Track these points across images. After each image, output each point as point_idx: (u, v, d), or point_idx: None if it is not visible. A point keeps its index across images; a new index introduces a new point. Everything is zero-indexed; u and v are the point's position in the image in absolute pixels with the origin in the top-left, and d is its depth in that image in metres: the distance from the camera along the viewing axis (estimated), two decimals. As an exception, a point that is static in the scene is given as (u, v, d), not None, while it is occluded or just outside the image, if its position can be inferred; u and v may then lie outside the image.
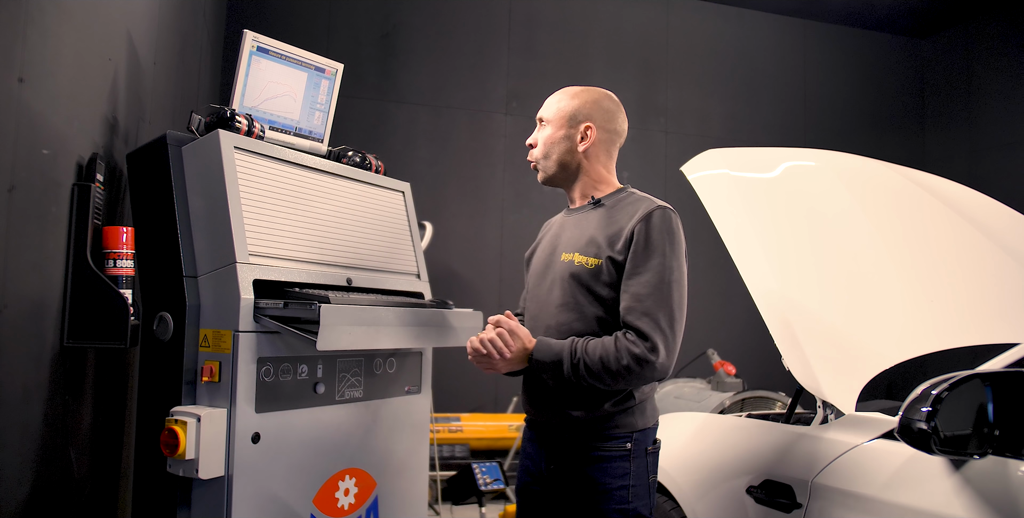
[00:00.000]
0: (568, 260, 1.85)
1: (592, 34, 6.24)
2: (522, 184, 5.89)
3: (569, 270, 1.84)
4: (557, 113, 1.94)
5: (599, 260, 1.79)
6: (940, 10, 6.65)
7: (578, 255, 1.84)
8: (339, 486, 2.09)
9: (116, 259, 1.91)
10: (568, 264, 1.85)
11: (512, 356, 1.78)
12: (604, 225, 1.84)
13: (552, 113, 1.94)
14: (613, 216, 1.85)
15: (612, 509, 1.75)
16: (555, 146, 1.93)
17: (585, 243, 1.84)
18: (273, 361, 1.93)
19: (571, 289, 1.83)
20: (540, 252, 2.01)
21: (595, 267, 1.79)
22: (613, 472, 1.77)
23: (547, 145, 1.94)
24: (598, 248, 1.81)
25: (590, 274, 1.80)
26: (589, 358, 1.71)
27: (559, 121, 1.93)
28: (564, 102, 1.94)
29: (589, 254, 1.82)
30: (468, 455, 4.60)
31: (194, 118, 2.05)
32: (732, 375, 4.67)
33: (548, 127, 1.95)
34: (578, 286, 1.82)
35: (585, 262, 1.81)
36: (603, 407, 1.78)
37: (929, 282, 2.32)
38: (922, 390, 1.56)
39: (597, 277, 1.79)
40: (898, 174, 2.70)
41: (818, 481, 1.90)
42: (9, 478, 1.51)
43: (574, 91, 1.96)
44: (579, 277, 1.81)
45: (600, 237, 1.82)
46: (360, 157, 2.48)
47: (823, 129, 6.80)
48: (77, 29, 1.78)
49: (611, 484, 1.76)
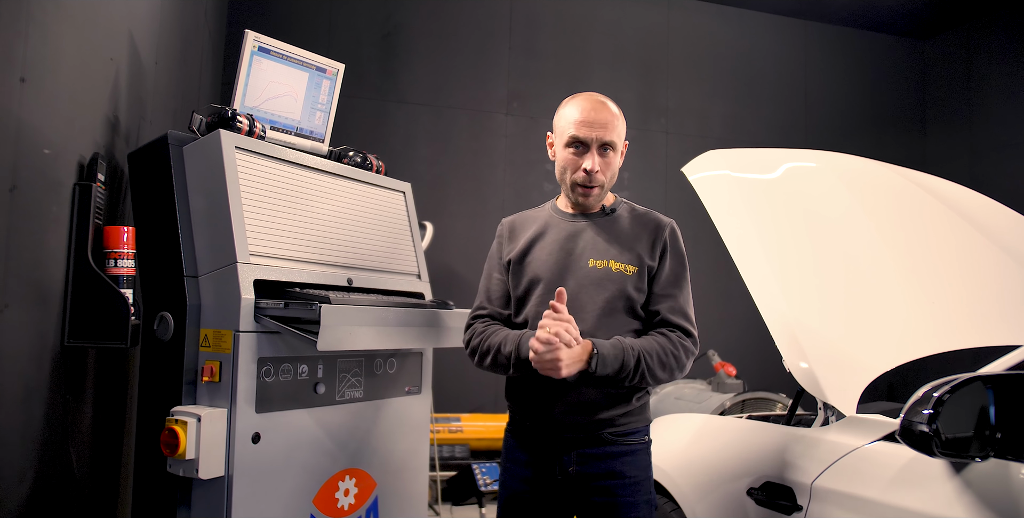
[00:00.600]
0: (604, 267, 1.89)
1: (593, 34, 6.23)
2: (522, 184, 5.89)
3: (609, 277, 1.88)
4: (623, 139, 1.94)
5: (636, 268, 1.89)
6: (941, 12, 6.65)
7: (614, 262, 1.90)
8: (339, 486, 2.09)
9: (117, 259, 1.91)
10: (604, 271, 1.89)
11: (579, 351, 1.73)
12: (632, 236, 1.93)
13: (622, 139, 1.93)
14: (635, 227, 1.95)
15: (641, 500, 1.85)
16: (616, 171, 1.96)
17: (618, 251, 1.91)
18: (273, 361, 1.93)
19: (608, 295, 1.87)
20: (546, 255, 1.95)
21: (633, 274, 1.89)
22: (638, 464, 1.87)
23: (613, 171, 1.94)
24: (634, 257, 1.90)
25: (630, 281, 1.89)
26: (649, 356, 1.79)
27: (622, 146, 1.95)
28: (622, 124, 1.93)
29: (625, 261, 1.90)
30: (468, 455, 4.59)
31: (195, 118, 2.05)
32: (732, 376, 4.67)
33: (615, 154, 1.92)
34: (618, 292, 1.87)
35: (624, 269, 1.89)
36: (632, 403, 1.88)
37: (930, 284, 2.32)
38: (923, 392, 1.56)
39: (635, 284, 1.89)
40: (899, 175, 2.70)
41: (819, 483, 1.89)
42: (9, 477, 1.51)
43: (618, 109, 1.94)
44: (621, 284, 1.88)
45: (634, 247, 1.92)
46: (361, 157, 2.48)
47: (824, 130, 6.80)
48: (78, 29, 1.77)
49: (638, 476, 1.86)
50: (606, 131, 1.87)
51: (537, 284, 1.93)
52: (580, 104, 1.90)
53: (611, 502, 1.82)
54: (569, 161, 1.91)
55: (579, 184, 1.91)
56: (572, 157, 1.90)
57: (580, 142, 1.88)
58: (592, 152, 1.87)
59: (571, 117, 1.89)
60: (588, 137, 1.87)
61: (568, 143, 1.90)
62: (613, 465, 1.83)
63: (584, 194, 1.92)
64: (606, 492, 1.82)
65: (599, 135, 1.86)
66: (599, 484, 1.83)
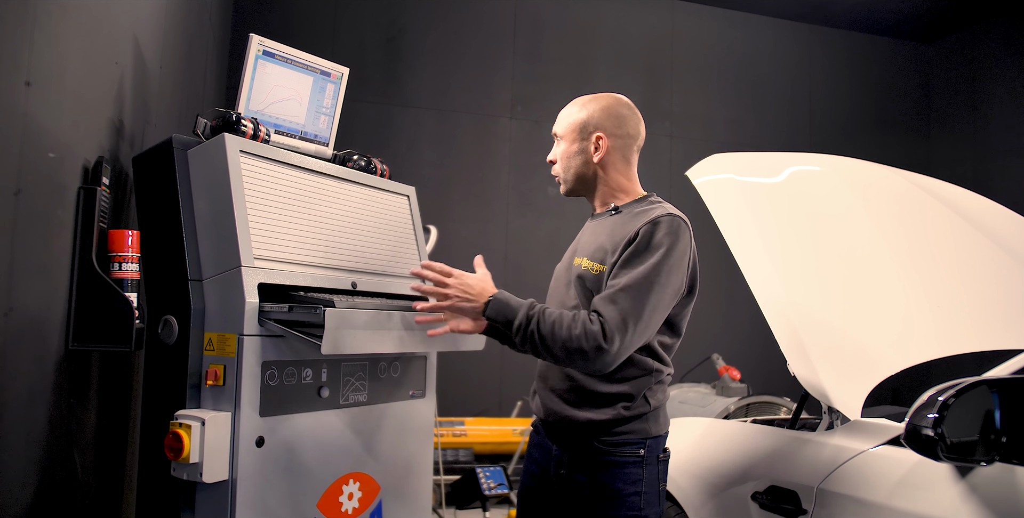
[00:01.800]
0: (578, 265, 1.87)
1: (597, 38, 6.24)
2: (527, 188, 5.89)
3: (577, 274, 1.85)
4: (568, 127, 1.93)
5: (604, 266, 1.79)
6: (945, 15, 6.65)
7: (587, 260, 1.84)
8: (343, 490, 2.09)
9: (121, 262, 1.91)
10: (578, 269, 1.86)
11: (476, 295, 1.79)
12: (615, 232, 1.83)
13: (564, 127, 1.94)
14: (626, 224, 1.83)
15: (624, 515, 1.75)
16: (571, 160, 1.93)
17: (594, 249, 1.84)
18: (278, 365, 1.93)
19: (577, 294, 1.84)
20: (563, 258, 2.02)
21: (598, 273, 1.79)
22: (626, 478, 1.76)
23: (564, 160, 1.94)
24: (604, 254, 1.80)
25: (593, 280, 1.80)
26: (545, 317, 1.69)
27: (571, 135, 1.92)
28: (573, 115, 1.93)
29: (596, 260, 1.82)
30: (472, 459, 4.59)
31: (200, 122, 2.05)
32: (737, 380, 4.66)
33: (562, 142, 1.95)
34: (583, 291, 1.82)
35: (591, 267, 1.81)
36: (617, 409, 1.77)
37: (935, 287, 2.32)
38: (929, 396, 1.56)
39: (598, 283, 1.78)
40: (903, 179, 2.70)
41: (823, 487, 1.89)
42: (13, 481, 1.51)
43: (582, 101, 1.94)
44: (584, 282, 1.82)
45: (608, 244, 1.81)
46: (365, 161, 2.48)
47: (828, 134, 6.79)
48: (84, 33, 1.78)
49: (624, 490, 1.75)
50: (556, 123, 1.98)
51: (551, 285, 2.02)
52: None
53: (589, 512, 1.77)
54: None
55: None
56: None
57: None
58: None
59: None
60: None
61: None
62: (597, 474, 1.77)
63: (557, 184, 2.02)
64: (586, 501, 1.78)
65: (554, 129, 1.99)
66: (584, 493, 1.78)
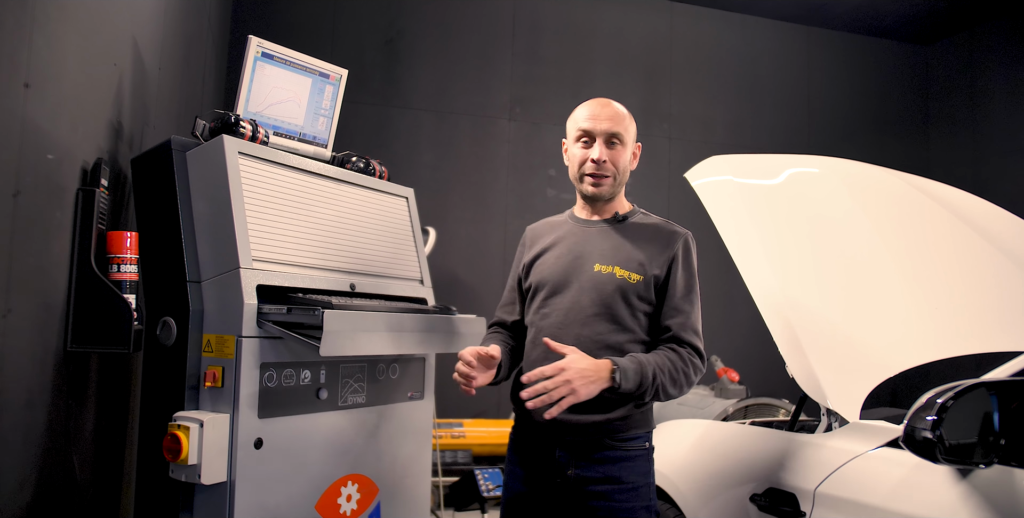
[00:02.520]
0: (608, 273, 1.89)
1: (596, 40, 6.24)
2: (525, 190, 5.89)
3: (613, 283, 1.88)
4: (631, 134, 1.97)
5: (641, 276, 1.88)
6: (944, 17, 6.65)
7: (619, 269, 1.89)
8: (341, 492, 2.09)
9: (120, 264, 1.91)
10: (608, 276, 1.89)
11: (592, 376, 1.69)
12: (642, 244, 1.92)
13: (630, 134, 1.96)
14: (646, 236, 1.94)
15: (639, 507, 1.83)
16: (628, 166, 1.98)
17: (625, 258, 1.91)
18: (276, 366, 1.93)
19: (610, 301, 1.87)
20: (555, 259, 1.98)
21: (638, 283, 1.87)
22: (638, 470, 1.85)
23: (623, 164, 1.96)
24: (640, 265, 1.89)
25: (633, 289, 1.87)
26: (662, 372, 1.78)
27: (632, 142, 1.97)
28: (630, 123, 1.97)
29: (631, 269, 1.89)
30: (471, 461, 4.59)
31: (199, 123, 2.05)
32: (735, 382, 4.66)
33: (625, 147, 1.95)
34: (620, 299, 1.87)
35: (628, 276, 1.88)
36: (629, 407, 1.85)
37: (933, 289, 2.32)
38: (927, 399, 1.55)
39: (638, 292, 1.87)
40: (902, 181, 2.70)
41: (822, 490, 1.89)
42: (11, 482, 1.51)
43: (626, 111, 1.97)
44: (624, 290, 1.87)
45: (641, 255, 1.90)
46: (364, 162, 2.48)
47: (827, 135, 6.80)
48: (83, 34, 1.78)
49: (638, 482, 1.84)
50: (612, 123, 1.92)
51: (542, 288, 1.97)
52: (588, 103, 1.98)
53: (608, 507, 1.81)
54: (579, 154, 1.96)
55: (587, 174, 1.94)
56: (582, 150, 1.95)
57: (587, 133, 1.93)
58: (599, 143, 1.92)
59: (580, 115, 1.97)
60: (594, 129, 1.92)
61: (577, 138, 1.96)
62: (611, 470, 1.83)
63: (595, 183, 1.94)
64: (603, 497, 1.82)
65: (605, 127, 1.91)
66: (597, 489, 1.82)
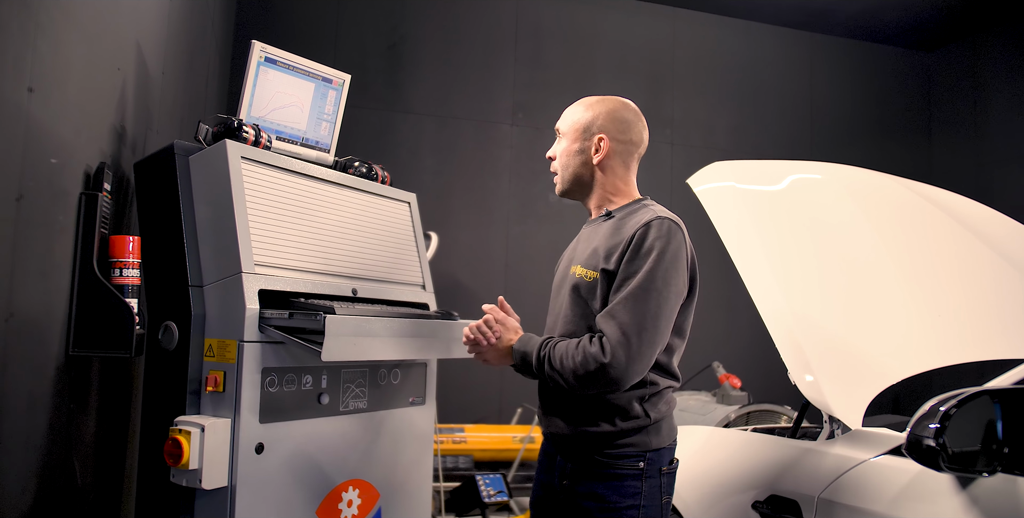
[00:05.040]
0: (573, 272, 1.85)
1: (599, 45, 6.25)
2: (527, 195, 5.89)
3: (572, 282, 1.83)
4: (572, 125, 1.92)
5: (596, 273, 1.77)
6: (946, 24, 6.66)
7: (580, 268, 1.83)
8: (342, 497, 2.09)
9: (122, 268, 1.91)
10: (572, 276, 1.84)
11: (500, 345, 1.83)
12: (608, 237, 1.81)
13: (567, 125, 1.93)
14: (619, 229, 1.80)
15: None
16: (571, 159, 1.92)
17: (588, 255, 1.82)
18: (278, 371, 1.93)
19: (572, 302, 1.82)
20: (559, 266, 2.01)
21: (592, 280, 1.78)
22: (624, 491, 1.73)
23: (564, 158, 1.93)
24: (597, 260, 1.78)
25: (588, 287, 1.79)
26: (554, 353, 1.73)
27: (574, 133, 1.91)
28: (579, 114, 1.92)
29: (589, 266, 1.80)
30: (472, 466, 4.58)
31: (201, 128, 2.06)
32: (737, 388, 4.65)
33: (564, 140, 1.94)
34: (578, 298, 1.81)
35: (585, 275, 1.80)
36: (614, 422, 1.73)
37: (936, 296, 2.31)
38: (930, 406, 1.55)
39: (593, 290, 1.77)
40: (905, 187, 2.70)
41: (824, 497, 1.88)
42: (13, 486, 1.51)
43: (589, 102, 1.93)
44: (578, 290, 1.81)
45: (601, 249, 1.79)
46: (366, 167, 2.49)
47: (829, 142, 6.80)
48: (87, 39, 1.79)
49: (620, 503, 1.72)
50: (560, 120, 1.97)
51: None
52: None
53: None
54: None
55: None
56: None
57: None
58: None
59: None
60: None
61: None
62: (596, 487, 1.74)
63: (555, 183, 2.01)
64: (586, 514, 1.74)
65: (556, 125, 1.98)
66: (583, 504, 1.75)
